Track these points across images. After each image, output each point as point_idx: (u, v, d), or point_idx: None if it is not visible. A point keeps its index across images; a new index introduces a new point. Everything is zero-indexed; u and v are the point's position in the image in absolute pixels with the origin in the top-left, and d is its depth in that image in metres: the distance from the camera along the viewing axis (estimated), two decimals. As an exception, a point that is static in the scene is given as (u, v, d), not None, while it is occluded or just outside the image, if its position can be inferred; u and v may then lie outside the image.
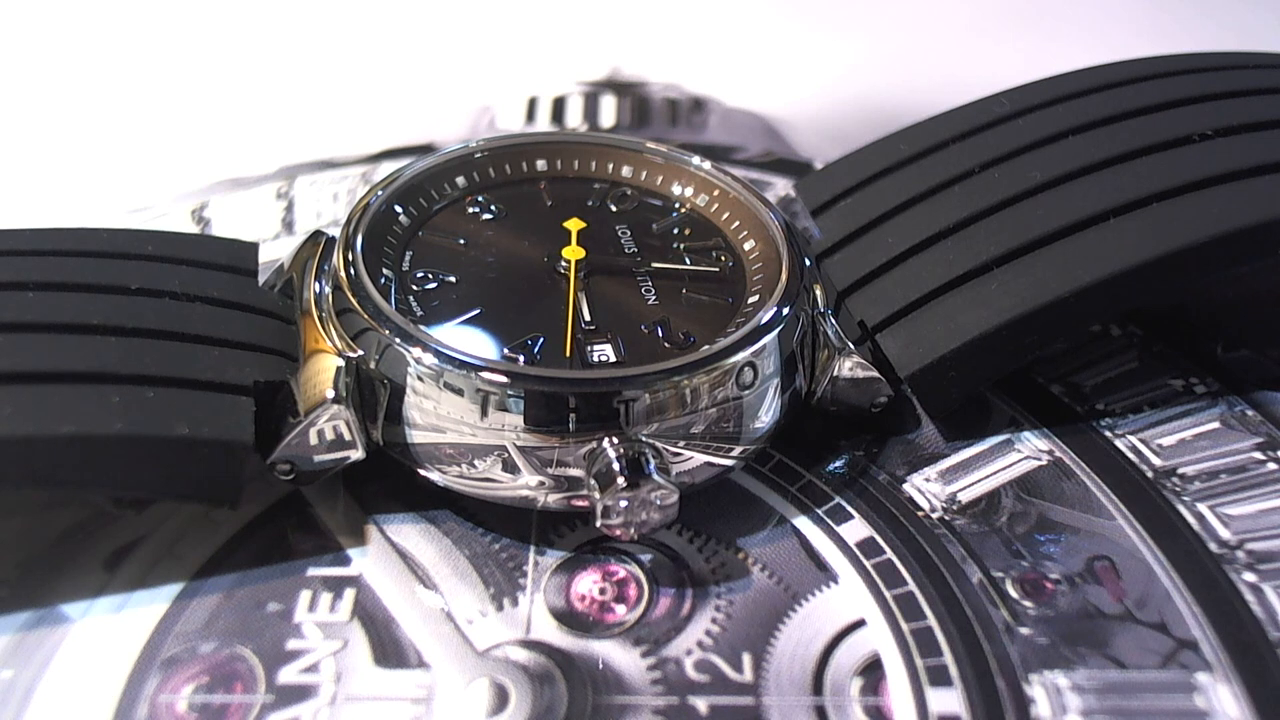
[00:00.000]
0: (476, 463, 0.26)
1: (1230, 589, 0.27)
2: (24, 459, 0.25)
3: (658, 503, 0.25)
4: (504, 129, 0.43)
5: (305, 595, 0.27)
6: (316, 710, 0.25)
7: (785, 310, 0.28)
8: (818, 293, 0.30)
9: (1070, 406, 0.31)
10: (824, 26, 0.47)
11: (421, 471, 0.27)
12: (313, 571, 0.27)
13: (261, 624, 0.26)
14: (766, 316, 0.28)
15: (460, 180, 0.32)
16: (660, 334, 0.28)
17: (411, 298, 0.29)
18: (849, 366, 0.29)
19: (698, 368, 0.26)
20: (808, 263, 0.30)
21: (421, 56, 0.46)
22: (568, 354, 0.27)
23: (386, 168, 0.41)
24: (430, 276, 0.29)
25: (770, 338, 0.27)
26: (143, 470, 0.26)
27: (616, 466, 0.25)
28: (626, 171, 0.33)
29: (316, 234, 0.30)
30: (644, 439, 0.26)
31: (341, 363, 0.27)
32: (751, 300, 0.29)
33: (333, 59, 0.45)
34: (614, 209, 0.32)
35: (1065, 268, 0.29)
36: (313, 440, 0.27)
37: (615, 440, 0.26)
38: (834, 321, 0.29)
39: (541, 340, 0.28)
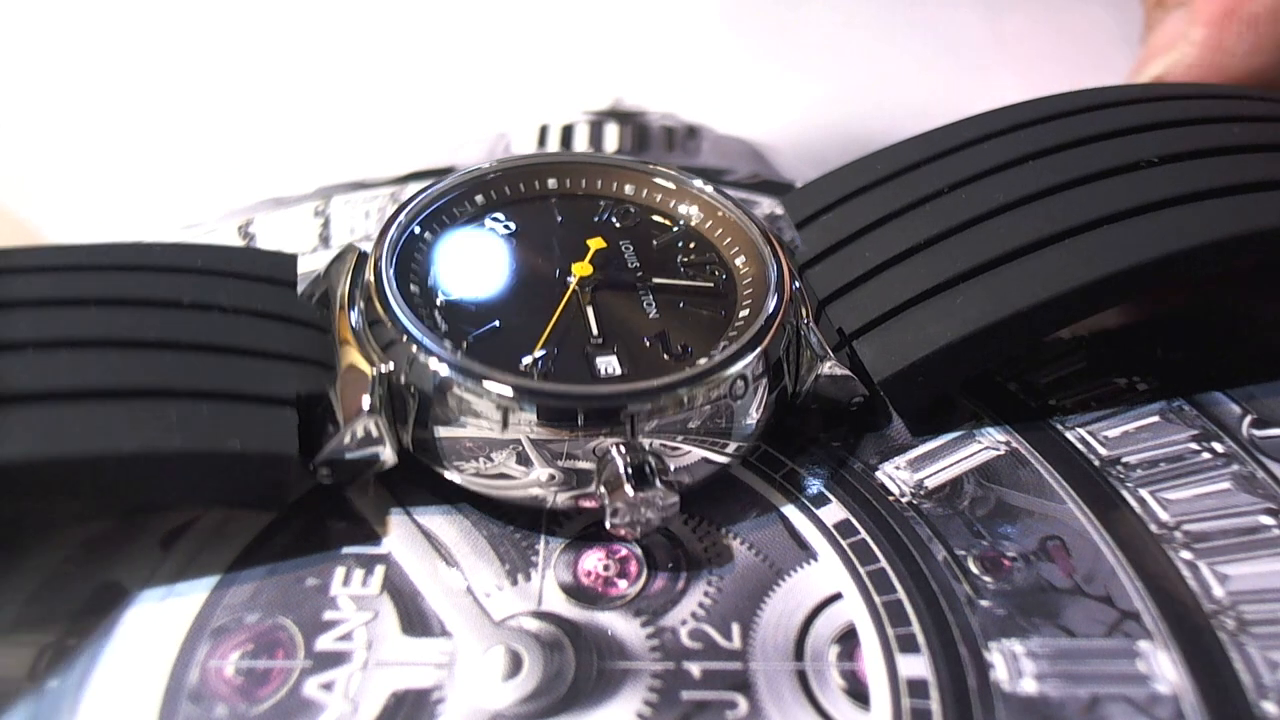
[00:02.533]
0: (494, 458, 0.26)
1: (1169, 565, 0.27)
2: (90, 476, 0.24)
3: (659, 504, 0.25)
4: (518, 153, 0.43)
5: (340, 571, 0.27)
6: (350, 674, 0.25)
7: (774, 325, 0.28)
8: (802, 306, 0.29)
9: (1025, 402, 0.31)
10: (803, 62, 0.47)
11: (444, 472, 0.27)
12: (347, 550, 0.27)
13: (301, 597, 0.26)
14: (756, 330, 0.27)
15: (478, 199, 0.31)
16: (661, 347, 0.28)
17: (436, 311, 0.28)
18: (829, 369, 0.29)
19: (697, 381, 0.26)
20: (793, 280, 0.29)
21: (444, 88, 0.45)
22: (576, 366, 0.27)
23: (413, 188, 0.41)
24: (453, 291, 0.29)
25: (760, 350, 0.27)
26: (197, 482, 0.25)
27: (624, 474, 0.25)
28: (630, 190, 0.32)
29: (349, 248, 0.30)
30: (647, 447, 0.26)
31: (374, 374, 0.26)
32: (743, 314, 0.29)
33: (364, 91, 0.45)
34: (618, 225, 0.31)
35: (1024, 284, 0.29)
36: (349, 447, 0.26)
37: (623, 449, 0.26)
38: (816, 331, 0.29)
39: (556, 352, 0.27)
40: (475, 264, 0.30)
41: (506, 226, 0.31)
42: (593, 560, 0.27)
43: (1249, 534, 0.27)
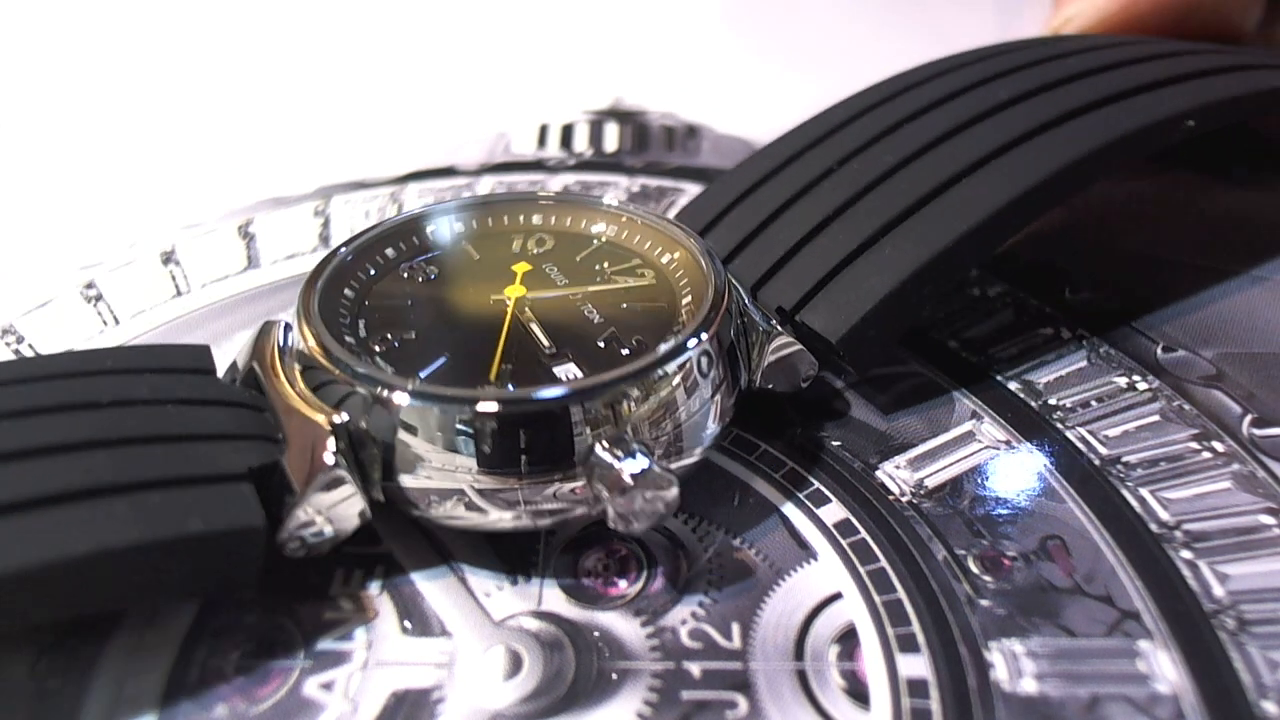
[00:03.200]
0: (481, 495, 0.25)
1: (1169, 565, 0.27)
2: (45, 586, 0.23)
3: (658, 488, 0.25)
4: (518, 153, 0.43)
5: (340, 571, 0.27)
6: (350, 674, 0.25)
7: (721, 304, 0.28)
8: (739, 289, 0.30)
9: (1025, 402, 0.31)
10: (803, 62, 0.47)
11: (424, 515, 0.26)
12: (346, 550, 0.27)
13: (301, 597, 0.26)
14: (706, 311, 0.27)
15: (389, 251, 0.31)
16: (616, 345, 0.28)
17: (379, 359, 0.27)
18: (779, 344, 0.29)
19: (666, 361, 0.26)
20: (723, 267, 0.29)
21: (444, 88, 0.46)
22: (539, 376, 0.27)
23: (414, 188, 0.41)
24: (390, 337, 0.28)
25: (714, 328, 0.27)
26: (162, 574, 0.24)
27: (615, 463, 0.25)
28: (538, 220, 0.32)
29: (268, 324, 0.28)
30: (631, 438, 0.25)
31: (328, 429, 0.25)
32: (685, 301, 0.29)
33: (364, 91, 0.45)
34: (536, 252, 0.31)
35: (942, 222, 0.30)
36: (317, 510, 0.25)
37: (606, 444, 0.25)
38: (760, 308, 0.29)
39: (511, 369, 0.27)
40: (405, 309, 0.29)
41: (426, 272, 0.31)
42: (592, 560, 0.27)
43: (1249, 533, 0.27)
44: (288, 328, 0.28)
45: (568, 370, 0.27)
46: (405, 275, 0.30)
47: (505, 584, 0.26)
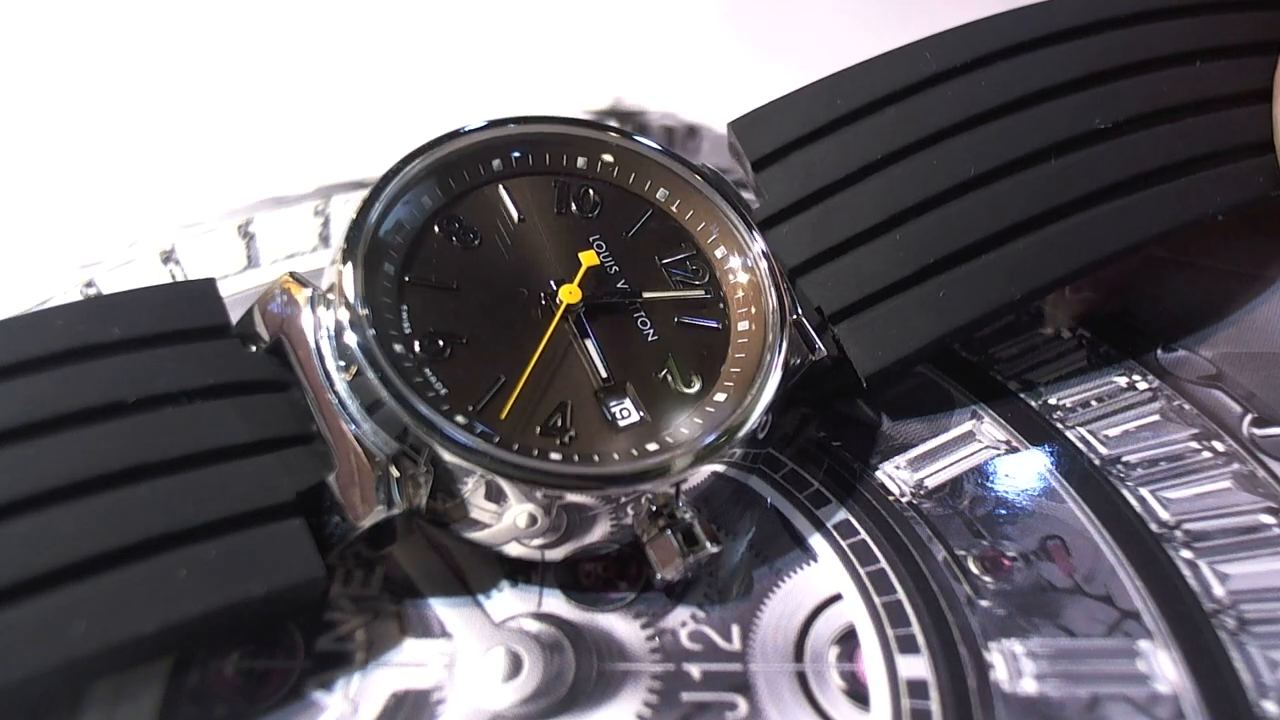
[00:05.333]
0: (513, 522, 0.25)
1: (1169, 565, 0.27)
2: (108, 662, 0.22)
3: (703, 554, 0.25)
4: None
5: (340, 572, 0.26)
6: (350, 675, 0.24)
7: (786, 359, 0.26)
8: (790, 297, 0.27)
9: (1025, 401, 0.31)
10: (804, 62, 0.47)
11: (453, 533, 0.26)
12: (346, 551, 0.27)
13: (301, 598, 0.26)
14: (776, 368, 0.25)
15: (426, 200, 0.27)
16: (670, 378, 0.26)
17: (429, 369, 0.24)
18: (819, 357, 0.27)
19: (733, 434, 0.25)
20: (784, 281, 0.27)
21: (444, 87, 0.45)
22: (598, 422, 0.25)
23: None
24: (441, 344, 0.25)
25: (778, 385, 0.25)
26: (226, 630, 0.24)
27: (678, 548, 0.24)
28: (582, 164, 0.28)
29: (291, 285, 0.25)
30: (696, 526, 0.24)
31: (381, 473, 0.24)
32: (743, 328, 0.27)
33: (364, 90, 0.45)
34: (575, 209, 0.27)
35: (1007, 275, 0.29)
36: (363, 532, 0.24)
37: (675, 535, 0.24)
38: (805, 322, 0.27)
39: (569, 409, 0.25)
40: (449, 294, 0.26)
41: (466, 232, 0.27)
42: (592, 562, 0.27)
43: (1249, 533, 0.27)
44: (315, 300, 0.25)
45: (624, 410, 0.25)
46: (441, 234, 0.26)
47: (505, 585, 0.26)
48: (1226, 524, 0.28)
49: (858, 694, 0.24)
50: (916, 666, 0.25)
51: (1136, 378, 0.32)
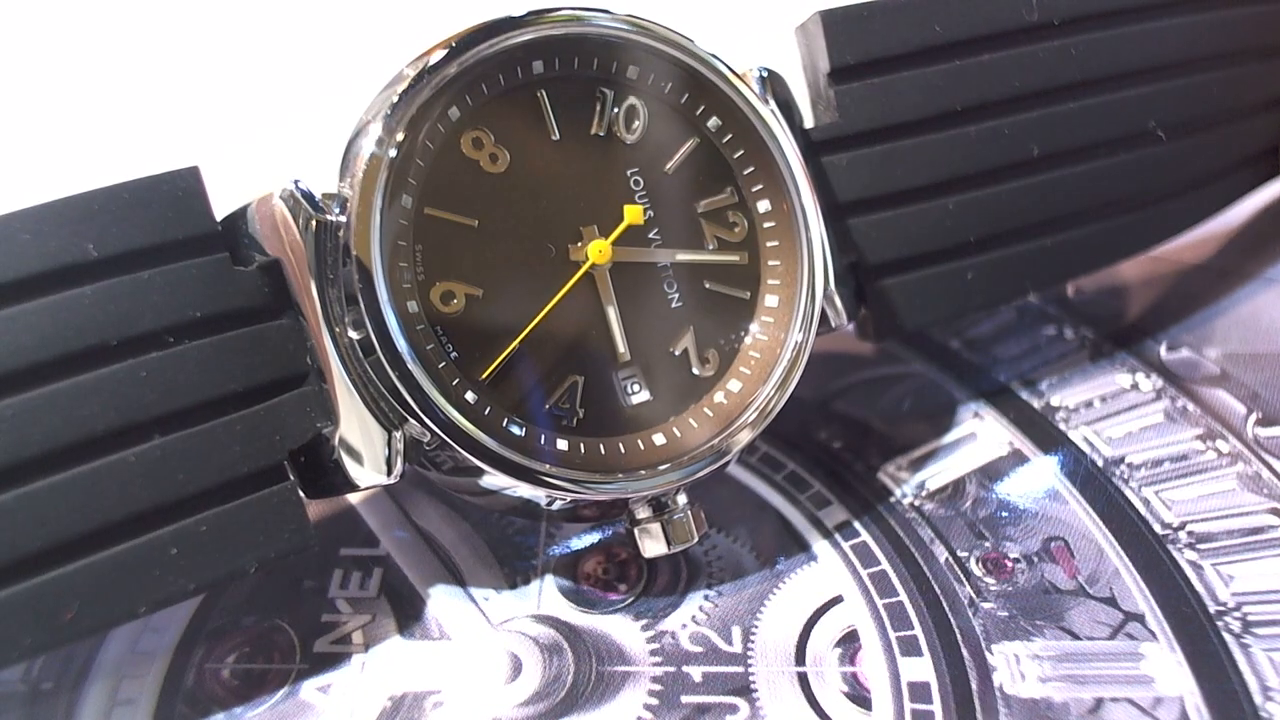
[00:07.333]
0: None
1: (1173, 566, 0.26)
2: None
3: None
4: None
5: (338, 574, 0.26)
6: (347, 677, 0.24)
7: (810, 336, 0.24)
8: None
9: (1028, 402, 0.31)
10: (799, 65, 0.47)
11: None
12: (345, 552, 0.27)
13: (298, 599, 0.26)
14: (803, 361, 0.24)
15: (454, 111, 0.23)
16: (687, 359, 0.24)
17: (440, 329, 0.22)
18: (835, 326, 0.26)
19: (745, 429, 0.24)
20: (824, 240, 0.24)
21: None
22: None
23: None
24: (453, 294, 0.22)
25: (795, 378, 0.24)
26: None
27: (667, 543, 0.24)
28: (633, 73, 0.24)
29: (295, 214, 0.22)
30: (684, 506, 0.24)
31: (393, 439, 0.22)
32: (770, 304, 0.24)
33: (364, 90, 0.45)
34: (618, 130, 0.23)
35: (1060, 261, 0.29)
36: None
37: (669, 540, 0.24)
38: (838, 301, 0.25)
39: (581, 387, 0.23)
40: (467, 239, 0.22)
41: (495, 152, 0.23)
42: (592, 563, 0.27)
43: (1254, 534, 0.27)
44: (320, 227, 0.22)
45: (633, 386, 0.24)
46: (468, 154, 0.22)
47: (504, 587, 0.26)
48: (1231, 525, 0.27)
49: (859, 696, 0.24)
50: (919, 669, 0.24)
51: (1140, 378, 0.32)
